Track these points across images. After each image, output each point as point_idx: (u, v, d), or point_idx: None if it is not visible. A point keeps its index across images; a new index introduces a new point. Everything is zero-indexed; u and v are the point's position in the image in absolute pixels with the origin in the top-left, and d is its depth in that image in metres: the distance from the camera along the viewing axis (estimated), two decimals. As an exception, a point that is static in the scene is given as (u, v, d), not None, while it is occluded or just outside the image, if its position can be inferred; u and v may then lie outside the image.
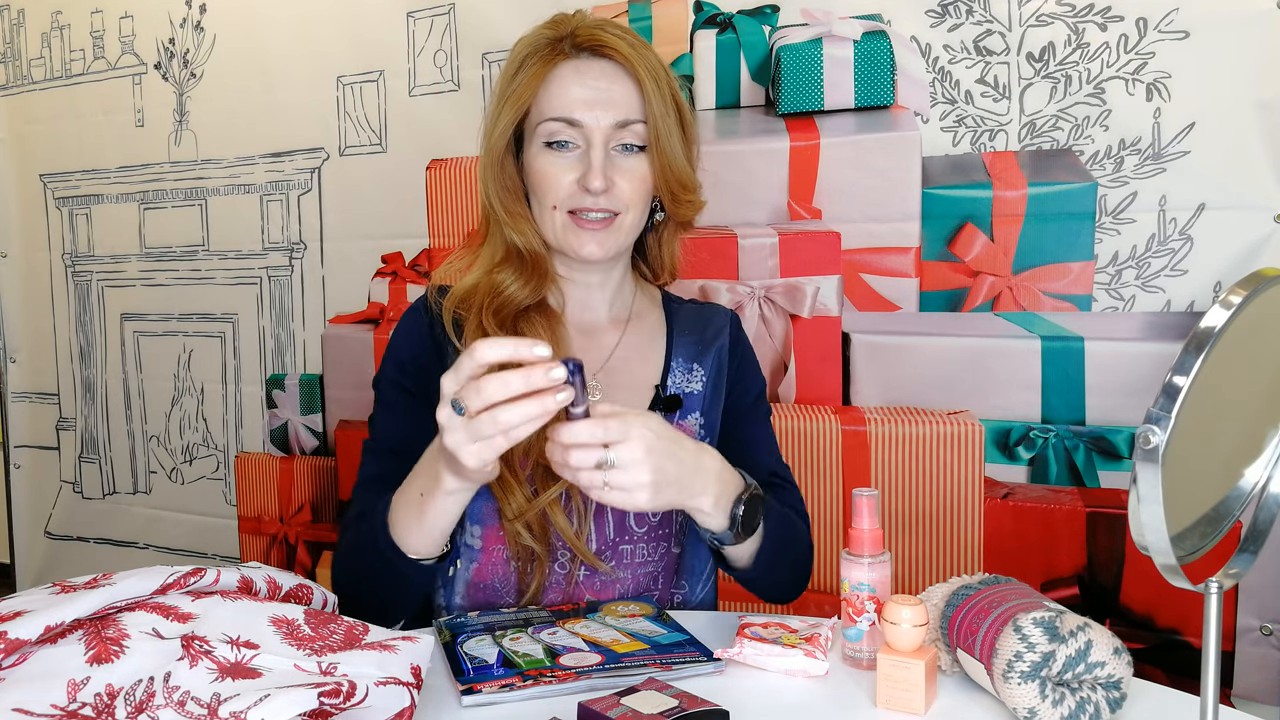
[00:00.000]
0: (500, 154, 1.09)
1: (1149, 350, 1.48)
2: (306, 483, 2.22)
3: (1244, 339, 0.59)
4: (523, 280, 1.09)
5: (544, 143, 1.06)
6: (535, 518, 1.04)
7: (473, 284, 1.10)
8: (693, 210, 1.14)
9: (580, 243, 1.07)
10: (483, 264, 1.12)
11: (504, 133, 1.08)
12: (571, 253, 1.08)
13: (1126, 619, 1.52)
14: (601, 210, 1.06)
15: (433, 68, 1.99)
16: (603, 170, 1.04)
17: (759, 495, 0.97)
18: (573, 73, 1.05)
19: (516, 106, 1.06)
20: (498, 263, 1.10)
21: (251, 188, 2.24)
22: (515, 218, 1.10)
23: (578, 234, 1.07)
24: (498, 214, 1.10)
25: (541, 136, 1.06)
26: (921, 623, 0.82)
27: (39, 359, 2.62)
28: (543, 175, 1.06)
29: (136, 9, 2.35)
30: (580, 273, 1.14)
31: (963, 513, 1.61)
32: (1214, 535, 0.66)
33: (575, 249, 1.07)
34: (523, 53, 1.08)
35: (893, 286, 1.64)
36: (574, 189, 1.05)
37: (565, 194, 1.06)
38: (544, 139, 1.06)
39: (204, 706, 0.69)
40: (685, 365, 1.16)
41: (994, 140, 1.55)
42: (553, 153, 1.06)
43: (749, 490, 0.96)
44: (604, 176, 1.04)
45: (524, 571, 1.06)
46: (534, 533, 1.04)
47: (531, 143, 1.08)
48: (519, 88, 1.06)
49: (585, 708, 0.78)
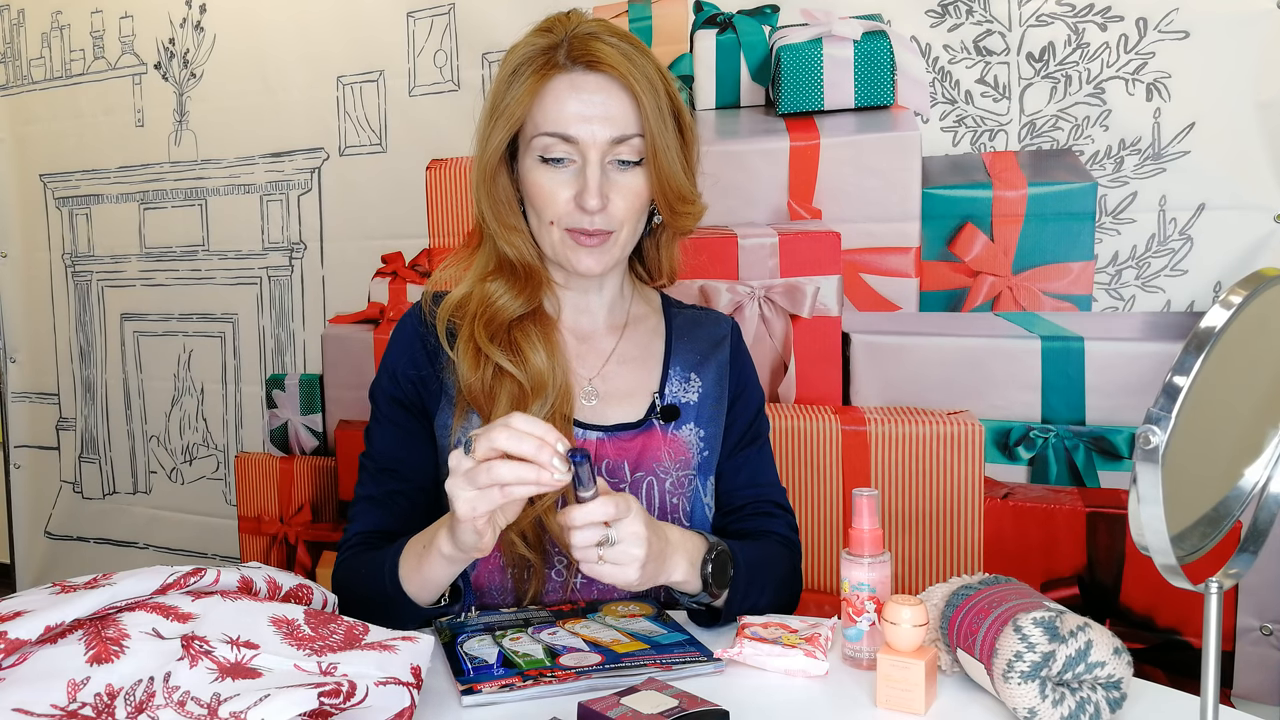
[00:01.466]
0: (494, 167, 1.08)
1: (1149, 350, 1.48)
2: (306, 483, 2.22)
3: (1244, 339, 0.59)
4: (514, 292, 1.08)
5: (539, 157, 1.05)
6: (530, 527, 1.04)
7: (465, 294, 1.10)
8: (692, 221, 1.13)
9: (577, 258, 1.06)
10: (475, 272, 1.11)
11: (498, 148, 1.06)
12: (569, 267, 1.08)
13: (1126, 619, 1.52)
14: (596, 229, 1.05)
15: (433, 68, 1.99)
16: (599, 189, 1.02)
17: (724, 552, 1.00)
18: (568, 87, 1.03)
19: (510, 122, 1.05)
20: (490, 272, 1.10)
21: (251, 188, 2.24)
22: (508, 230, 1.09)
23: (574, 250, 1.06)
24: (490, 227, 1.10)
25: (536, 150, 1.05)
26: (921, 623, 0.82)
27: (39, 359, 2.62)
28: (539, 190, 1.05)
29: (136, 9, 2.35)
30: (577, 280, 1.13)
31: (963, 513, 1.61)
32: (1214, 535, 0.66)
33: (573, 265, 1.07)
34: (514, 63, 1.05)
35: (893, 286, 1.64)
36: (571, 206, 1.04)
37: (562, 211, 1.05)
38: (539, 153, 1.05)
39: (204, 706, 0.69)
40: (683, 374, 1.15)
41: (994, 140, 1.55)
42: (548, 168, 1.04)
43: (713, 549, 0.99)
44: (600, 195, 1.02)
45: (519, 579, 1.07)
46: (528, 542, 1.05)
47: (526, 155, 1.07)
48: (512, 103, 1.04)
49: (585, 708, 0.78)
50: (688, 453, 1.12)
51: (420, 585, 0.96)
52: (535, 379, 1.04)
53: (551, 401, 1.04)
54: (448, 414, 1.08)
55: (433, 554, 0.92)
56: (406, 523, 1.05)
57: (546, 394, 1.04)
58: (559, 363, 1.07)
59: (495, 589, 1.08)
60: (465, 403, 1.07)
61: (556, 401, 1.05)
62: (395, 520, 1.08)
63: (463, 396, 1.07)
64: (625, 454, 1.09)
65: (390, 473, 1.10)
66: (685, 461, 1.11)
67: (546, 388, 1.04)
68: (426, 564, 0.94)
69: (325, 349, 2.18)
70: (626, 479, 1.08)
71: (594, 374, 1.13)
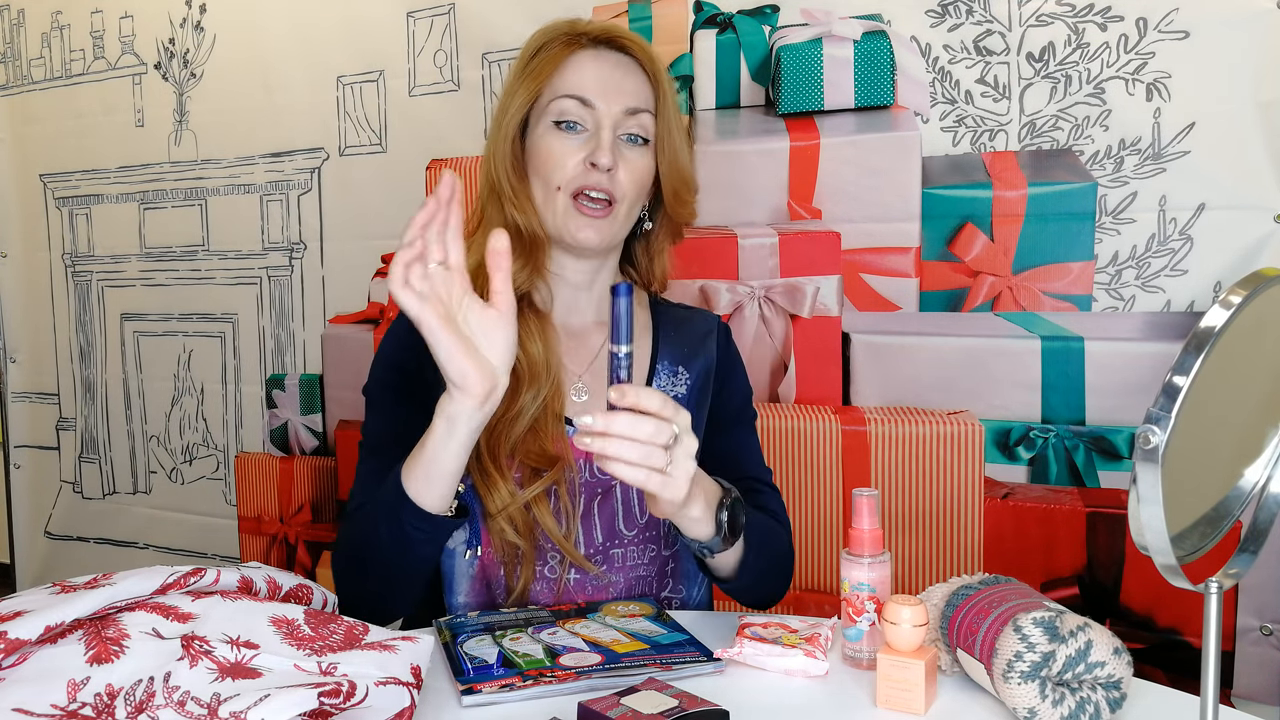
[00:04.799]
0: (513, 133, 1.10)
1: (1149, 350, 1.48)
2: (306, 483, 2.22)
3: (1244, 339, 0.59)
4: (520, 261, 1.08)
5: (553, 122, 1.08)
6: (519, 514, 1.03)
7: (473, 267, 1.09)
8: (691, 214, 1.16)
9: (578, 226, 1.07)
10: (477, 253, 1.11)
11: (518, 111, 1.09)
12: (570, 238, 1.08)
13: (1126, 619, 1.52)
14: (603, 190, 1.06)
15: (433, 68, 1.99)
16: (610, 148, 1.06)
17: (739, 499, 0.98)
18: (591, 59, 1.09)
19: (534, 85, 1.08)
20: None
21: (251, 188, 2.24)
22: (520, 197, 1.11)
23: (577, 219, 1.07)
24: (505, 192, 1.10)
25: (551, 115, 1.08)
26: (921, 623, 0.82)
27: (39, 359, 2.62)
28: (549, 154, 1.08)
29: (136, 9, 2.35)
30: (570, 270, 1.14)
31: (963, 513, 1.61)
32: (1214, 535, 0.66)
33: (573, 233, 1.08)
34: (541, 40, 1.11)
35: (893, 286, 1.64)
36: (580, 168, 1.06)
37: (571, 174, 1.07)
38: (554, 118, 1.08)
39: (204, 706, 0.69)
40: (670, 368, 1.16)
41: (994, 140, 1.55)
42: (561, 133, 1.08)
43: (729, 495, 0.97)
44: (611, 154, 1.05)
45: (510, 569, 1.06)
46: (518, 529, 1.04)
47: (540, 122, 1.09)
48: (537, 67, 1.08)
49: (585, 708, 0.78)
50: None
51: (424, 478, 0.92)
52: (531, 367, 1.05)
53: (544, 393, 1.05)
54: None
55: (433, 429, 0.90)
56: None
57: (540, 384, 1.05)
58: (553, 356, 1.07)
59: (495, 583, 1.08)
60: None
61: (548, 394, 1.05)
62: None
63: None
64: None
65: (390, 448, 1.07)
66: None
67: (541, 377, 1.05)
68: (429, 442, 0.91)
69: (325, 349, 2.18)
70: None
71: (584, 370, 1.13)
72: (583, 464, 1.08)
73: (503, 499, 1.03)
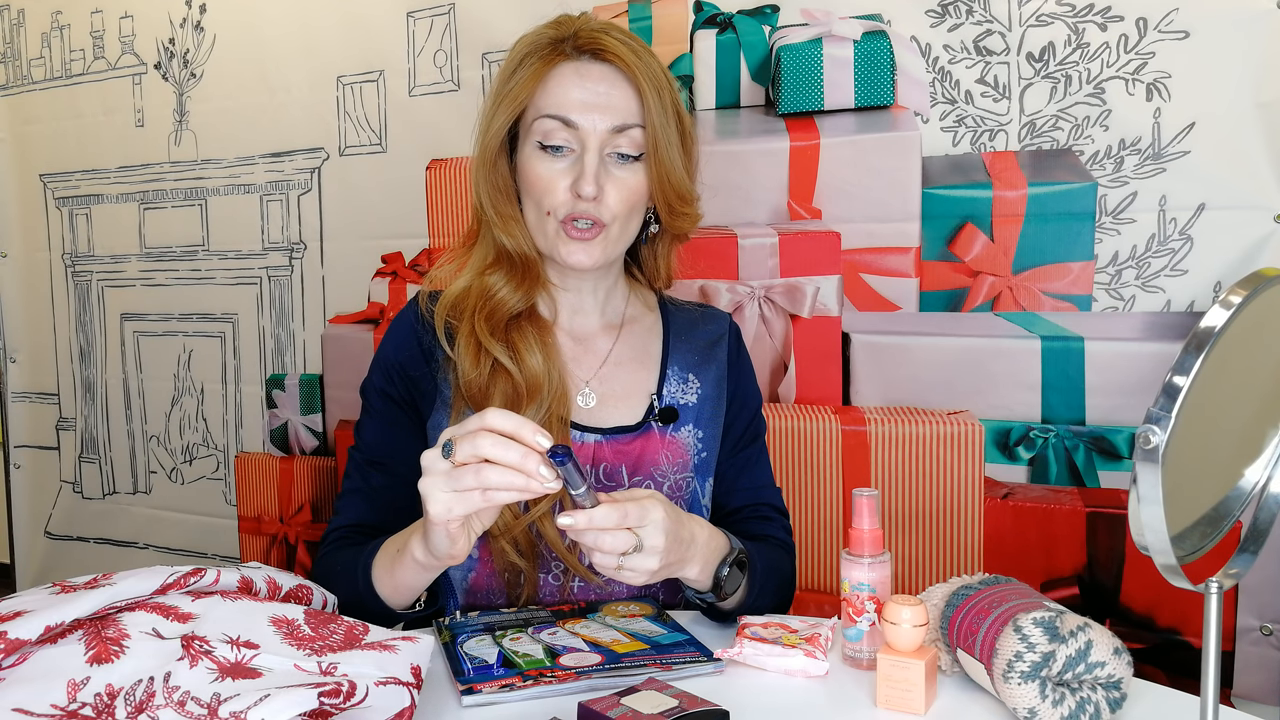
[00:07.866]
0: (494, 153, 1.08)
1: (1149, 350, 1.48)
2: (306, 483, 2.22)
3: (1244, 339, 0.59)
4: (514, 284, 1.07)
5: (538, 143, 1.05)
6: (522, 534, 1.03)
7: (464, 288, 1.08)
8: (690, 223, 1.13)
9: (569, 251, 1.05)
10: (474, 266, 1.10)
11: (499, 131, 1.06)
12: (560, 260, 1.07)
13: (1126, 619, 1.52)
14: (588, 218, 1.04)
15: (433, 68, 1.99)
16: (595, 176, 1.02)
17: (743, 558, 0.99)
18: (572, 74, 1.04)
19: (513, 105, 1.05)
20: (489, 265, 1.09)
21: (251, 188, 2.24)
22: (506, 220, 1.08)
23: (567, 243, 1.05)
24: (489, 216, 1.09)
25: (536, 136, 1.05)
26: (921, 623, 0.82)
27: (39, 359, 2.62)
28: (537, 179, 1.05)
29: (136, 9, 2.35)
30: (572, 279, 1.13)
31: (963, 513, 1.61)
32: (1214, 535, 0.66)
33: (564, 257, 1.06)
34: (523, 51, 1.06)
35: (893, 286, 1.64)
36: (569, 196, 1.04)
37: (560, 199, 1.04)
38: (538, 139, 1.04)
39: (204, 706, 0.69)
40: (681, 375, 1.15)
41: (994, 140, 1.55)
42: (547, 156, 1.04)
43: (734, 553, 0.98)
44: (595, 182, 1.02)
45: (512, 586, 1.06)
46: (520, 549, 1.04)
47: (526, 142, 1.06)
48: (516, 86, 1.05)
49: (585, 708, 0.78)
50: (686, 455, 1.11)
51: (393, 589, 0.95)
52: (530, 381, 1.03)
53: (547, 405, 1.04)
54: (442, 415, 1.07)
55: (405, 558, 0.91)
56: (391, 517, 1.04)
57: (541, 397, 1.03)
58: (555, 365, 1.06)
59: (494, 593, 1.08)
60: (462, 404, 1.05)
61: (552, 404, 1.04)
62: (380, 514, 1.06)
63: (459, 398, 1.05)
64: (623, 457, 1.08)
65: (378, 466, 1.08)
66: (683, 464, 1.11)
67: (541, 391, 1.03)
68: (399, 568, 0.93)
69: (325, 349, 2.18)
70: (624, 483, 1.08)
71: (591, 376, 1.12)
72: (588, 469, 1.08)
73: (506, 521, 1.02)
